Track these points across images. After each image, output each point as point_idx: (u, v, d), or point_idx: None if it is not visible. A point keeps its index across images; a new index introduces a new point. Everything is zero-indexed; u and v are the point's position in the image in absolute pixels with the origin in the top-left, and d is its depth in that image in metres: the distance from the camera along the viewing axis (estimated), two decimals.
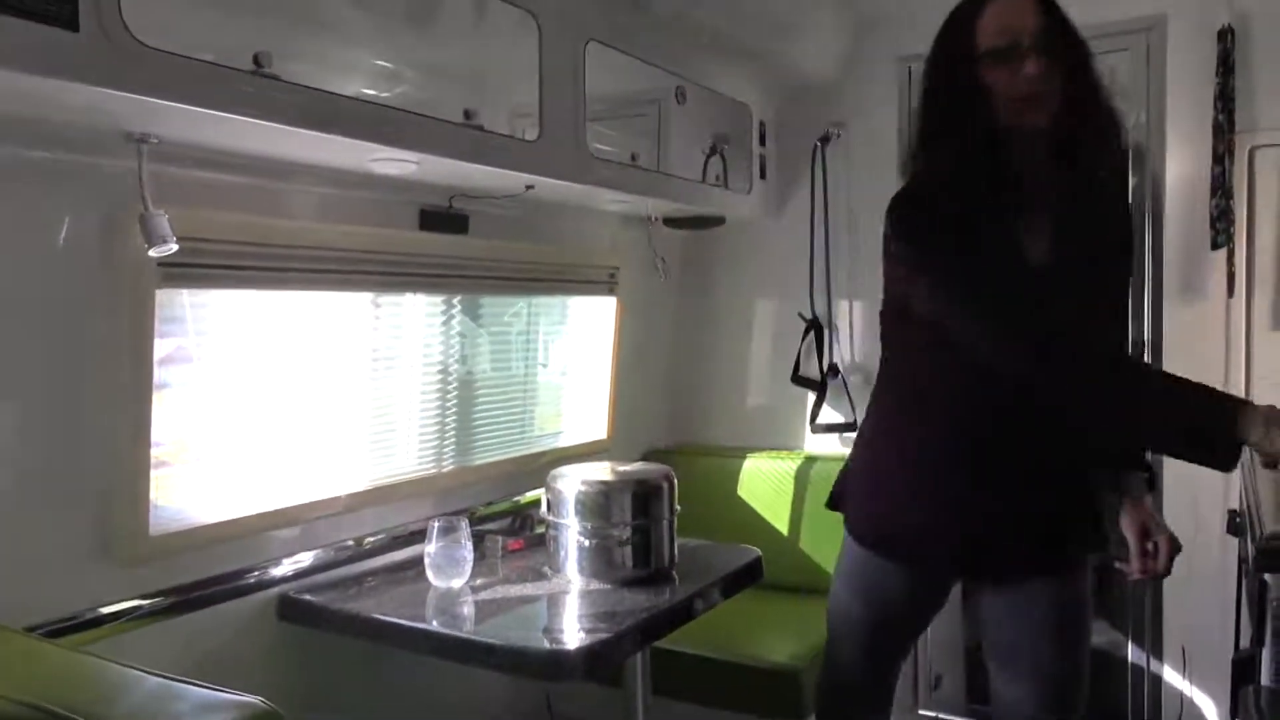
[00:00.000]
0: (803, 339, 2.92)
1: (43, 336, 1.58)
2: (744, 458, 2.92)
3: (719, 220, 2.93)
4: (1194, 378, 1.47)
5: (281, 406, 1.99)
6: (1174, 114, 2.52)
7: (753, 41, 2.68)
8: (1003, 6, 1.49)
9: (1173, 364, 2.57)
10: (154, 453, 1.72)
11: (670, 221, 2.91)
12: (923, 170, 1.57)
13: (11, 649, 1.19)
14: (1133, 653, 2.74)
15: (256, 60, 1.47)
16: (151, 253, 1.54)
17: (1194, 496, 2.50)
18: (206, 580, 1.84)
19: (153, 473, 1.72)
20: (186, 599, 1.80)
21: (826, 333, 2.90)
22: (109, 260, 1.63)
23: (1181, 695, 2.57)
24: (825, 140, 2.90)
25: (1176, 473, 2.56)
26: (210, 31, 1.47)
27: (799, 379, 2.94)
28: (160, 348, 1.71)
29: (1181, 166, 2.51)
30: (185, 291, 1.75)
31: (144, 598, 1.73)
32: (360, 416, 2.18)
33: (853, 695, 1.89)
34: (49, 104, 1.36)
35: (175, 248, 1.55)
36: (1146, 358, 2.64)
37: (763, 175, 2.93)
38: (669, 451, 3.01)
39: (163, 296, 1.70)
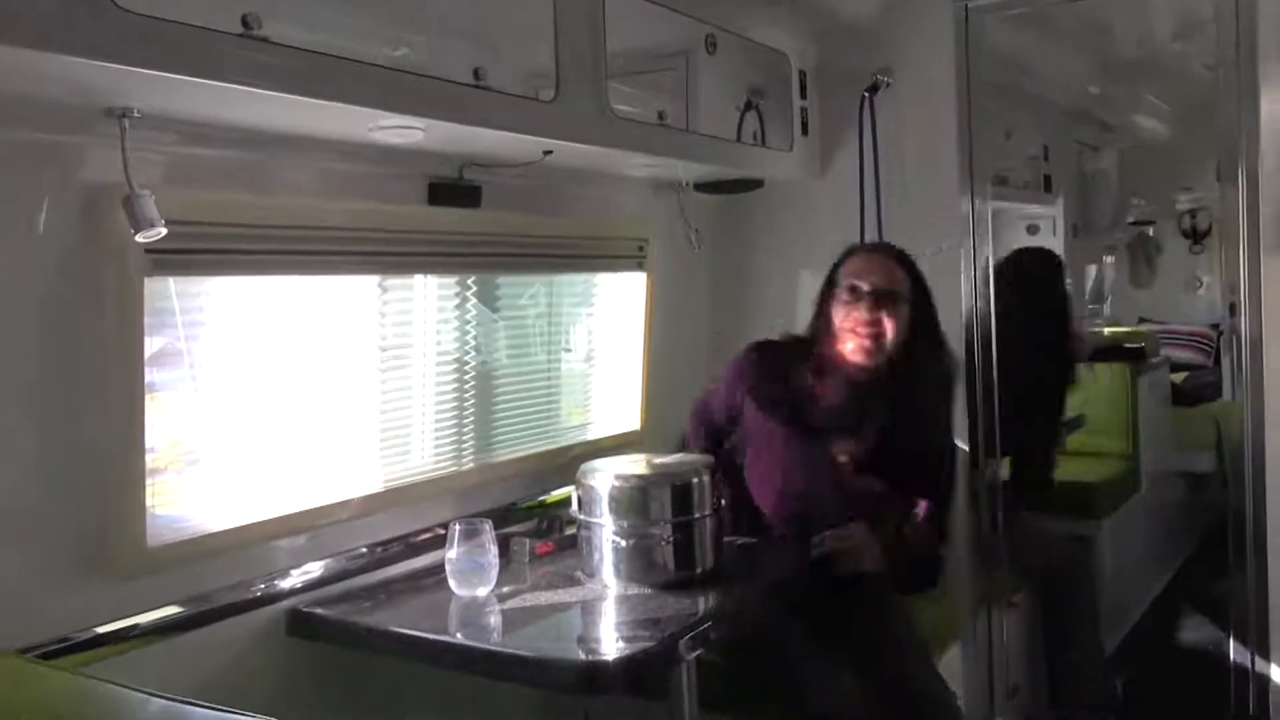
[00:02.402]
0: None
1: (22, 333, 1.60)
2: None
3: (757, 183, 2.91)
4: None
5: (284, 405, 2.01)
6: (1266, 51, 2.47)
7: None
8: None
9: (1275, 323, 2.53)
10: (148, 458, 1.74)
11: (703, 186, 2.89)
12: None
13: (5, 672, 1.21)
14: (1235, 650, 2.71)
15: (245, 22, 1.47)
16: (138, 238, 1.56)
17: None
18: (209, 594, 1.86)
19: (148, 479, 1.74)
20: (189, 615, 1.83)
21: None
22: (93, 247, 1.65)
23: None
24: (873, 90, 2.86)
25: (1276, 452, 2.53)
26: None
27: None
28: (147, 346, 1.73)
29: (1276, 109, 2.46)
30: (172, 282, 1.76)
31: (143, 614, 1.76)
32: (370, 413, 2.19)
33: None
34: (24, 77, 1.37)
35: (163, 231, 1.57)
36: (1243, 319, 2.60)
37: (804, 131, 2.91)
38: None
39: (151, 287, 1.71)
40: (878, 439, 2.30)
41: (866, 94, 2.86)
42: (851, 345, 2.27)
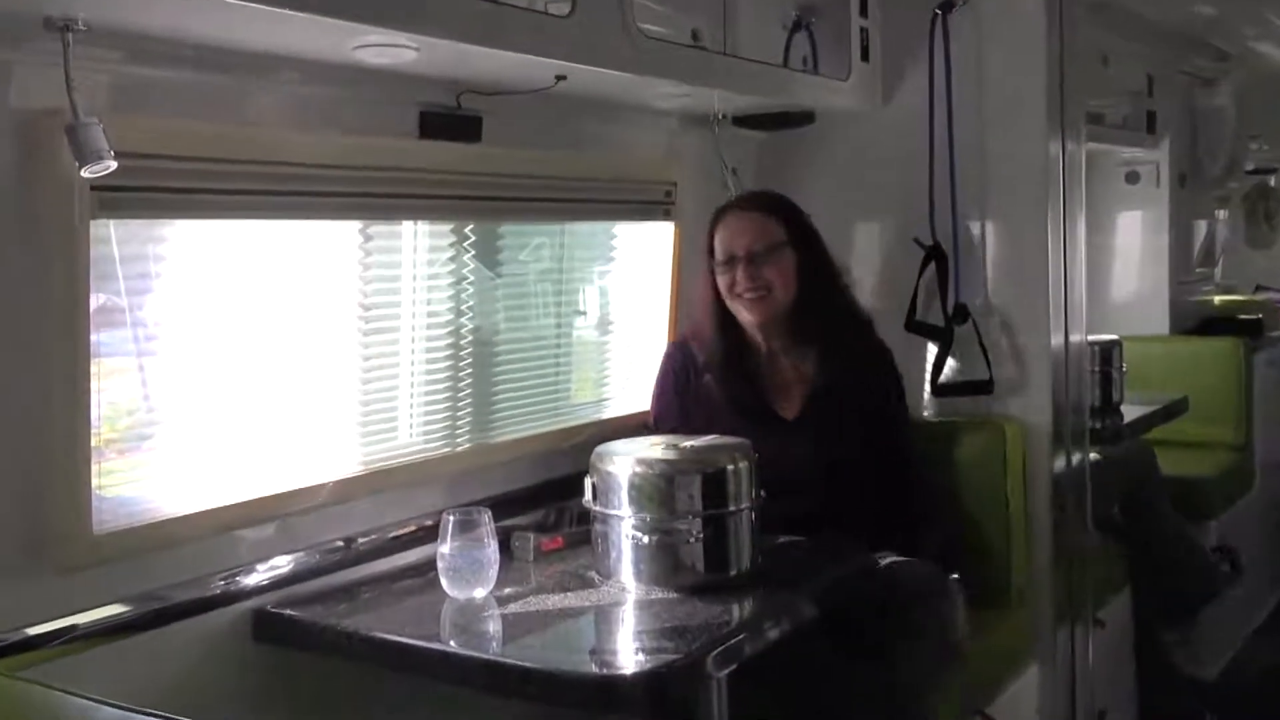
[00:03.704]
0: (920, 272, 2.89)
1: None
2: None
3: (807, 117, 2.90)
4: None
5: (249, 372, 2.01)
6: None
7: None
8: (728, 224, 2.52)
9: None
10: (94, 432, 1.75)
11: (743, 120, 2.88)
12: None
13: None
14: None
15: None
16: (84, 172, 1.56)
17: None
18: (162, 590, 1.88)
19: (94, 457, 1.75)
20: (139, 614, 1.84)
21: (952, 264, 2.87)
22: (28, 185, 1.65)
23: None
24: (947, 8, 2.84)
25: None
26: None
27: (916, 324, 2.91)
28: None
29: None
30: (112, 227, 1.76)
31: (86, 612, 1.77)
32: (350, 383, 2.20)
33: None
34: None
35: (113, 165, 1.57)
36: None
37: (864, 56, 2.89)
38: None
39: (93, 233, 1.71)
40: (809, 393, 2.54)
41: (939, 11, 2.85)
42: (743, 309, 2.51)
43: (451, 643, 1.93)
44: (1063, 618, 2.88)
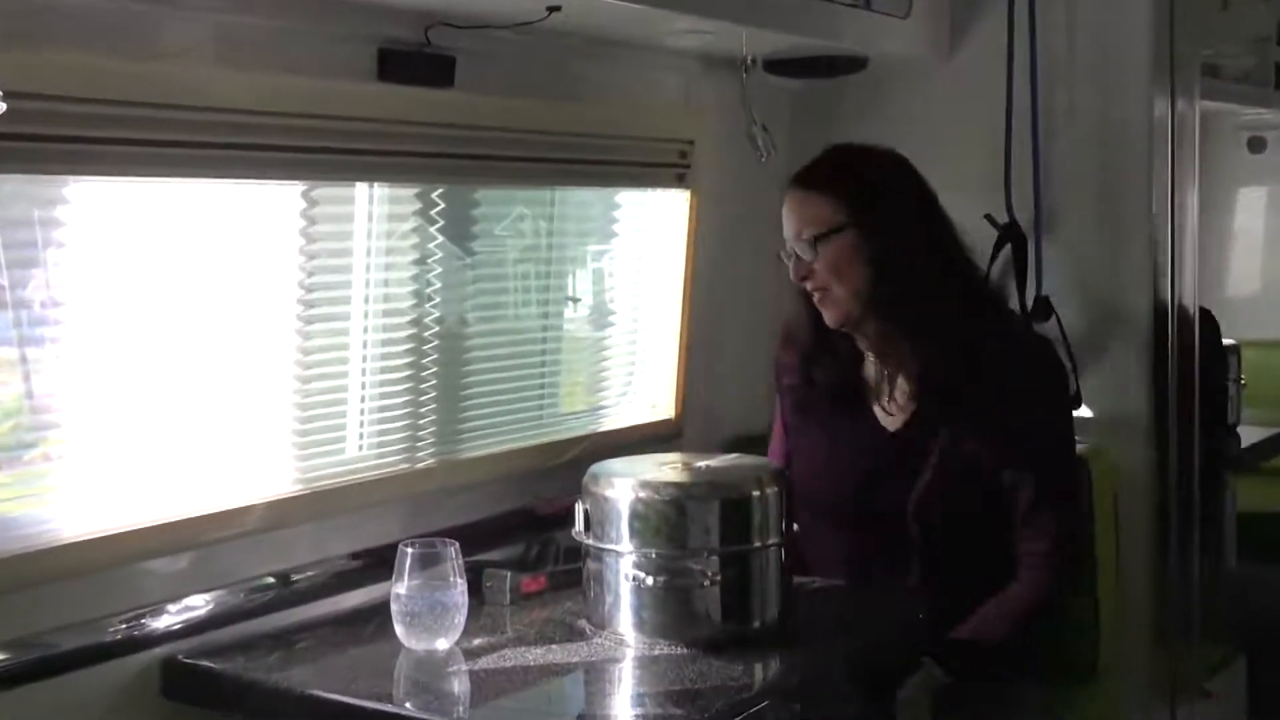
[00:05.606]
0: (993, 257, 2.88)
1: None
2: None
3: (856, 64, 2.90)
4: None
5: (159, 368, 2.02)
6: None
7: None
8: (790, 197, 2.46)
9: None
10: None
11: (777, 65, 2.89)
12: None
13: None
14: None
15: None
16: None
17: None
18: (49, 634, 1.88)
19: None
20: (20, 663, 1.84)
21: (1033, 247, 2.87)
22: None
23: None
24: None
25: None
26: None
27: None
28: None
29: None
30: None
31: None
32: (285, 383, 2.21)
33: None
34: None
35: (1, 108, 1.57)
36: None
37: None
38: (770, 438, 3.00)
39: None
40: (917, 398, 2.45)
41: None
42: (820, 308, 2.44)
43: (407, 704, 1.92)
44: (1161, 692, 2.87)
